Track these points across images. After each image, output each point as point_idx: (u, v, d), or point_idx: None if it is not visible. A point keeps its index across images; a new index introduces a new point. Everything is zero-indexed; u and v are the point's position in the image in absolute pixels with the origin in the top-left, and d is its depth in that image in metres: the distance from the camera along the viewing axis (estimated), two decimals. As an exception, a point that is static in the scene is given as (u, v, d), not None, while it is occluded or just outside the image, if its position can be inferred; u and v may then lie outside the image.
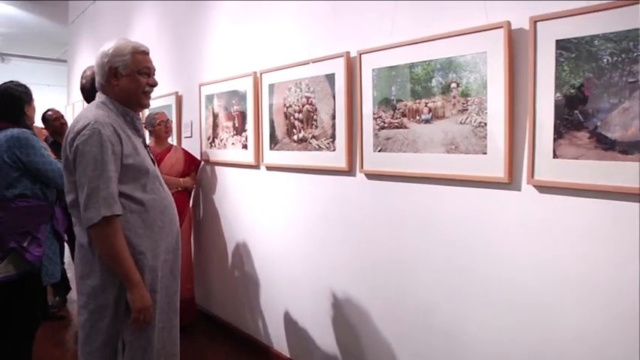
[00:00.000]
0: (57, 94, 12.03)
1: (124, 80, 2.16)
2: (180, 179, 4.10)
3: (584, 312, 1.83)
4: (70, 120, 6.64)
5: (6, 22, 10.88)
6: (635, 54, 1.64)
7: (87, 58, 7.58)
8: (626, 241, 1.71)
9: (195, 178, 4.26)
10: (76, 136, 2.00)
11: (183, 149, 4.30)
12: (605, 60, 1.73)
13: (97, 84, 2.21)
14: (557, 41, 1.85)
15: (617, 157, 1.71)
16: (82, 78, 2.84)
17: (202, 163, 4.27)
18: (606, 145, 1.73)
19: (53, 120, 4.66)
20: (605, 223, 1.76)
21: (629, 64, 1.66)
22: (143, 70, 2.17)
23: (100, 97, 2.21)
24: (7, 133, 2.87)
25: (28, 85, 3.11)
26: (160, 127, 4.10)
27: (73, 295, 4.61)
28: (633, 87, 1.65)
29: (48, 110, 4.71)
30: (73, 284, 4.57)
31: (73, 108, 7.98)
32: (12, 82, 3.04)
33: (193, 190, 4.35)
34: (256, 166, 3.56)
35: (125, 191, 2.06)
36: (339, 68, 2.76)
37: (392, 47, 2.45)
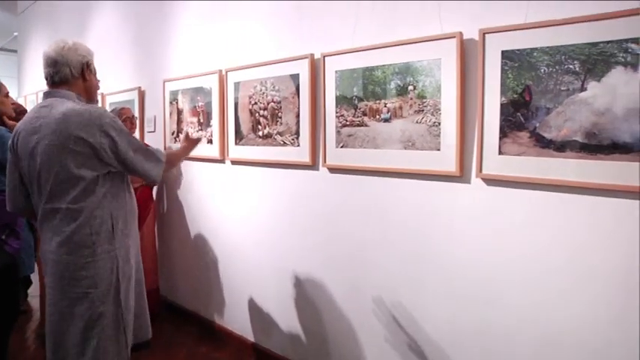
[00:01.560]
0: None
1: (93, 79, 2.40)
2: None
3: (526, 288, 2.09)
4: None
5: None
6: (566, 66, 1.91)
7: (39, 49, 7.50)
8: (559, 225, 1.98)
9: None
10: (103, 126, 2.16)
11: (146, 144, 4.35)
12: (542, 70, 1.98)
13: (59, 76, 2.28)
14: (502, 51, 2.09)
15: (552, 154, 1.97)
16: None
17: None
18: (543, 144, 1.99)
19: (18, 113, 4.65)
20: (543, 211, 2.03)
21: (562, 74, 1.92)
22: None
23: (64, 93, 2.27)
24: None
25: None
26: (125, 122, 4.09)
27: (33, 290, 4.65)
28: (565, 94, 1.92)
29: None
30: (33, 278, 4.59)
31: (25, 100, 7.84)
32: None
33: (156, 186, 4.43)
34: (221, 161, 3.71)
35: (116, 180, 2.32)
36: (303, 69, 2.95)
37: (354, 51, 2.66)
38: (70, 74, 2.28)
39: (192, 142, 2.77)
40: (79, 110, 2.15)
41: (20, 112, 4.16)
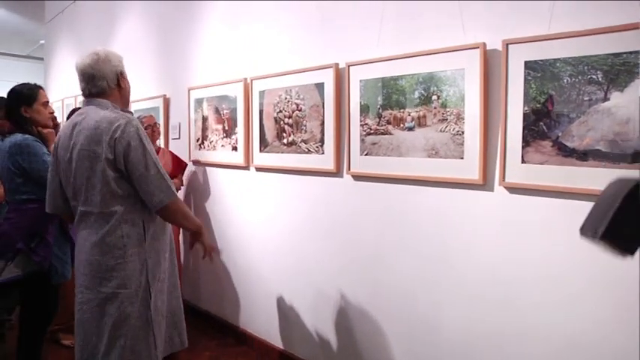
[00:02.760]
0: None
1: (127, 84, 2.48)
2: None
3: (548, 295, 2.12)
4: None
5: (-21, 19, 10.82)
6: (589, 76, 1.94)
7: (66, 57, 7.70)
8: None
9: (181, 180, 4.38)
10: (122, 134, 2.21)
11: (170, 152, 4.46)
12: (565, 80, 2.02)
13: (96, 89, 2.37)
14: (525, 62, 2.14)
15: (575, 163, 2.00)
16: None
17: (188, 165, 4.45)
18: (566, 153, 2.03)
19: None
20: (565, 219, 2.06)
21: (585, 84, 1.96)
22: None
23: (99, 101, 2.36)
24: (11, 139, 2.94)
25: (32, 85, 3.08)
26: (147, 131, 4.07)
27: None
28: (588, 104, 1.95)
29: None
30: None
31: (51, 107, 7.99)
32: (26, 83, 3.07)
33: (182, 191, 4.50)
34: (246, 167, 3.78)
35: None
36: (328, 78, 3.01)
37: (378, 61, 2.71)
38: (106, 86, 2.38)
39: (198, 232, 2.57)
40: (109, 118, 2.25)
41: (55, 125, 4.15)
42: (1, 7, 10.07)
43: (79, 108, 3.99)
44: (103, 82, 2.37)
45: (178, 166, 4.37)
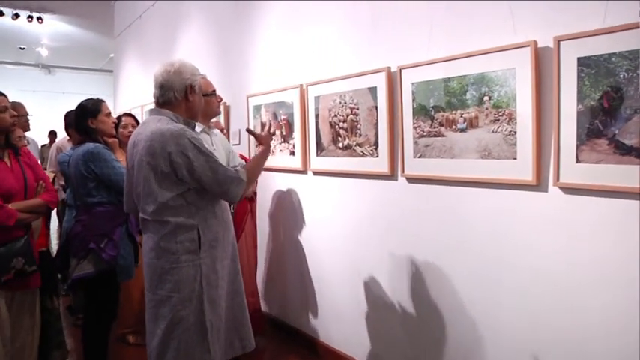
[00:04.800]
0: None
1: (196, 98, 2.54)
2: None
3: (604, 297, 2.07)
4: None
5: (56, 36, 11.45)
6: (646, 71, 1.88)
7: (133, 69, 8.05)
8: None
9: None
10: (178, 148, 2.28)
11: (240, 154, 4.21)
12: (621, 75, 1.96)
13: (163, 99, 2.47)
14: (578, 59, 2.08)
15: (633, 161, 1.94)
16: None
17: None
18: (624, 151, 1.96)
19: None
20: (624, 220, 1.99)
21: (642, 80, 1.89)
22: (210, 93, 2.53)
23: (161, 111, 2.47)
24: (84, 147, 3.16)
25: (97, 98, 3.33)
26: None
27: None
28: (645, 100, 1.89)
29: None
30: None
31: (120, 117, 8.37)
32: (90, 98, 3.30)
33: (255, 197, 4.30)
34: (304, 172, 3.85)
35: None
36: (380, 82, 3.03)
37: (429, 63, 2.71)
38: (173, 97, 2.46)
39: (267, 143, 2.76)
40: (162, 130, 2.31)
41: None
42: (74, 25, 10.64)
43: (126, 113, 4.22)
44: (170, 93, 2.45)
45: None
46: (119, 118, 3.94)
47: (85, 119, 3.22)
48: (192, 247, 2.39)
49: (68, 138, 4.76)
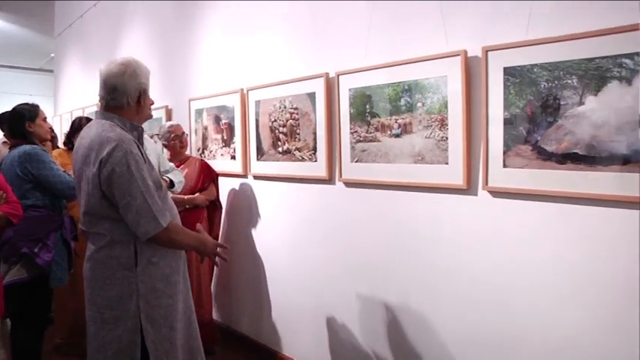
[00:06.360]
0: (42, 105, 12.09)
1: (147, 101, 2.29)
2: (185, 196, 3.70)
3: (532, 295, 2.15)
4: (58, 131, 6.83)
5: (-9, 34, 11.04)
6: (565, 81, 1.98)
7: (74, 70, 7.83)
8: (563, 236, 2.04)
9: (212, 192, 3.94)
10: (108, 158, 2.03)
11: (201, 161, 4.03)
12: (542, 85, 2.05)
13: (115, 103, 2.19)
14: (504, 68, 2.17)
15: (554, 166, 2.03)
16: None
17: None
18: (545, 157, 2.06)
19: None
20: (546, 221, 2.09)
21: (561, 89, 1.99)
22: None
23: (107, 115, 2.19)
24: (20, 149, 3.09)
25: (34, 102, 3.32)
26: (174, 142, 3.90)
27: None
28: (564, 108, 1.98)
29: None
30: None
31: (60, 119, 8.10)
32: (25, 103, 3.28)
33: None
34: (244, 175, 3.85)
35: None
36: (319, 87, 3.06)
37: (366, 70, 2.76)
38: (125, 102, 2.19)
39: (199, 249, 2.38)
40: (102, 138, 2.09)
41: (52, 137, 4.22)
42: (12, 23, 10.28)
43: (84, 118, 4.12)
44: (123, 99, 2.18)
45: (208, 176, 3.95)
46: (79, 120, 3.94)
47: (22, 122, 3.18)
48: (129, 264, 2.13)
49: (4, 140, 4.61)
